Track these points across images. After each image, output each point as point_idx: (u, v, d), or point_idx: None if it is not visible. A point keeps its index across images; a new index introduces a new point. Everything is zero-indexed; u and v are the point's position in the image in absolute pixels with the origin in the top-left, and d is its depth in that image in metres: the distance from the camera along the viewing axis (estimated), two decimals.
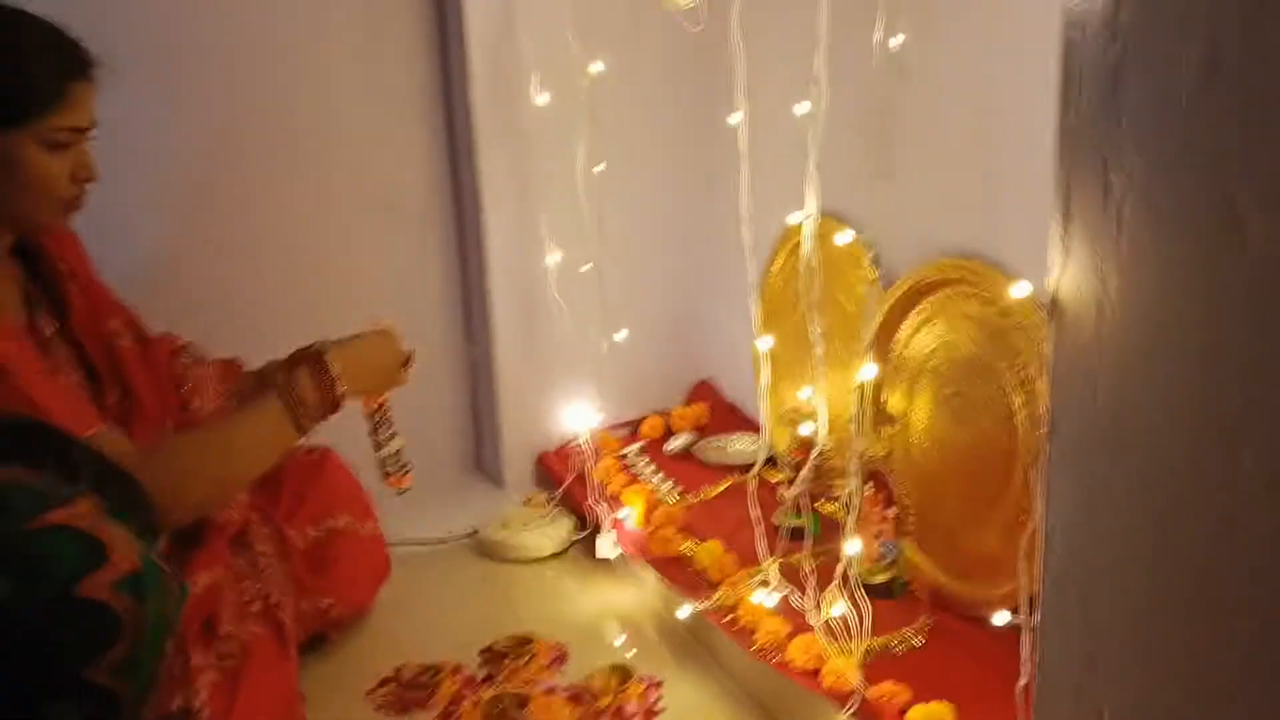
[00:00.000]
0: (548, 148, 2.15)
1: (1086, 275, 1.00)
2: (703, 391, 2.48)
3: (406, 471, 1.78)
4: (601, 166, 1.99)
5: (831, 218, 1.78)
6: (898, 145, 1.73)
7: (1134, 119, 0.92)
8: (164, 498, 1.31)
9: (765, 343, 1.54)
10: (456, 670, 1.80)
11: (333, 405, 1.57)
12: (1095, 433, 1.01)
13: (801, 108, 1.30)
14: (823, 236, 1.88)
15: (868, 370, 1.42)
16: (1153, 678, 1.00)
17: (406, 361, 1.72)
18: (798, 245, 1.67)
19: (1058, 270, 1.02)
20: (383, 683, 1.79)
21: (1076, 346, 1.02)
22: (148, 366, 1.60)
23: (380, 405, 1.72)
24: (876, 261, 1.84)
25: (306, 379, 1.54)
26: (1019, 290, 1.16)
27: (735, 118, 1.42)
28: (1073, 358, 1.03)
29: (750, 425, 2.30)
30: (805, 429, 1.77)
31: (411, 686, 1.76)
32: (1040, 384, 1.08)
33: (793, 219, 1.38)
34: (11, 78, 1.35)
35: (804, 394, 1.58)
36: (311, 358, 1.57)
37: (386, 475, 1.74)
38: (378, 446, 1.74)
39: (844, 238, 1.65)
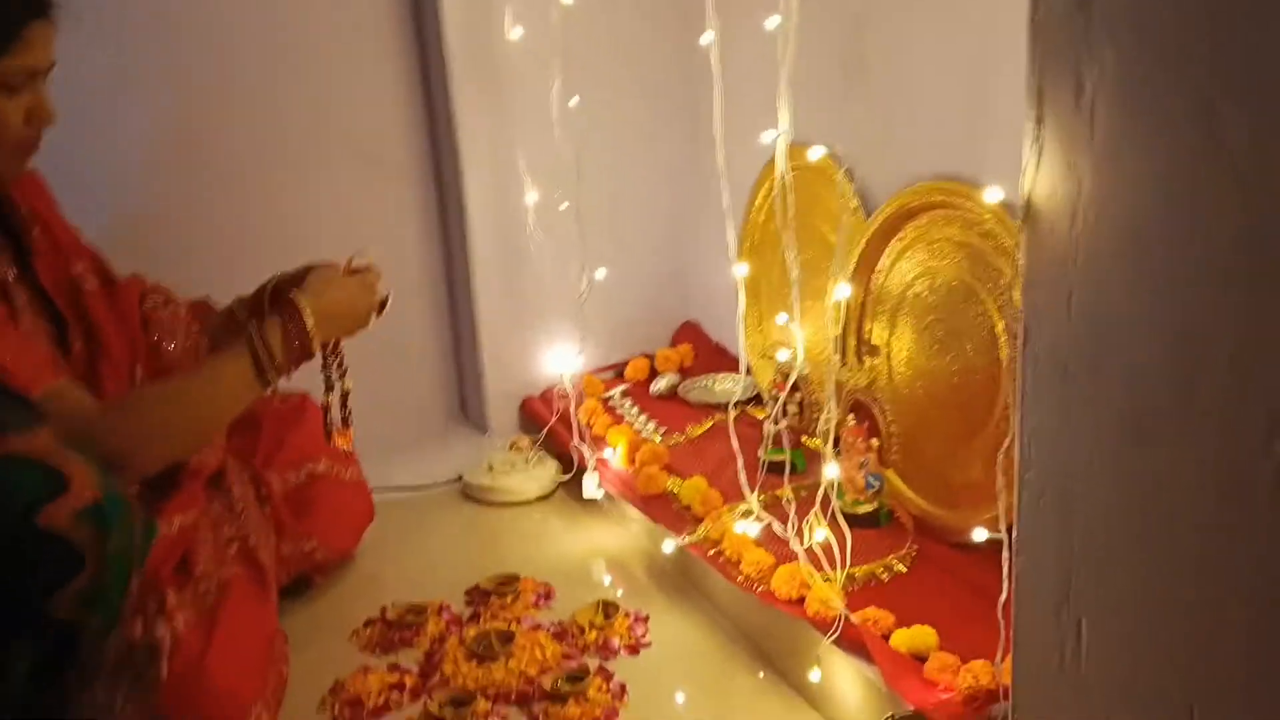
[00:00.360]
0: (523, 83, 2.12)
1: (1060, 178, 0.98)
2: (688, 333, 2.46)
3: (349, 425, 1.67)
4: (576, 100, 1.96)
5: (809, 146, 1.75)
6: (874, 65, 1.70)
7: (1105, 13, 0.90)
8: (126, 452, 1.31)
9: (742, 269, 1.52)
10: (441, 609, 1.80)
11: (304, 357, 1.52)
12: (1070, 341, 1.00)
13: (771, 21, 1.26)
14: (801, 167, 1.87)
15: (842, 290, 1.40)
16: (1130, 586, 0.99)
17: (381, 306, 1.65)
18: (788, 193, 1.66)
19: (1031, 173, 1.00)
20: (367, 623, 1.78)
21: (1051, 252, 1.00)
22: (115, 310, 1.57)
23: (336, 344, 1.62)
24: (857, 188, 1.81)
25: (278, 333, 1.48)
26: (990, 195, 1.13)
27: (707, 37, 1.38)
28: (1047, 264, 1.01)
29: (736, 366, 2.29)
30: (783, 355, 1.75)
31: (396, 626, 1.76)
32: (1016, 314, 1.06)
33: (766, 136, 1.35)
34: None
35: (781, 319, 1.55)
36: (286, 307, 1.51)
37: (328, 431, 1.65)
38: (328, 387, 1.64)
39: (816, 153, 1.59)
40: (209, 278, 1.79)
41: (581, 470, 2.06)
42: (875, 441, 1.69)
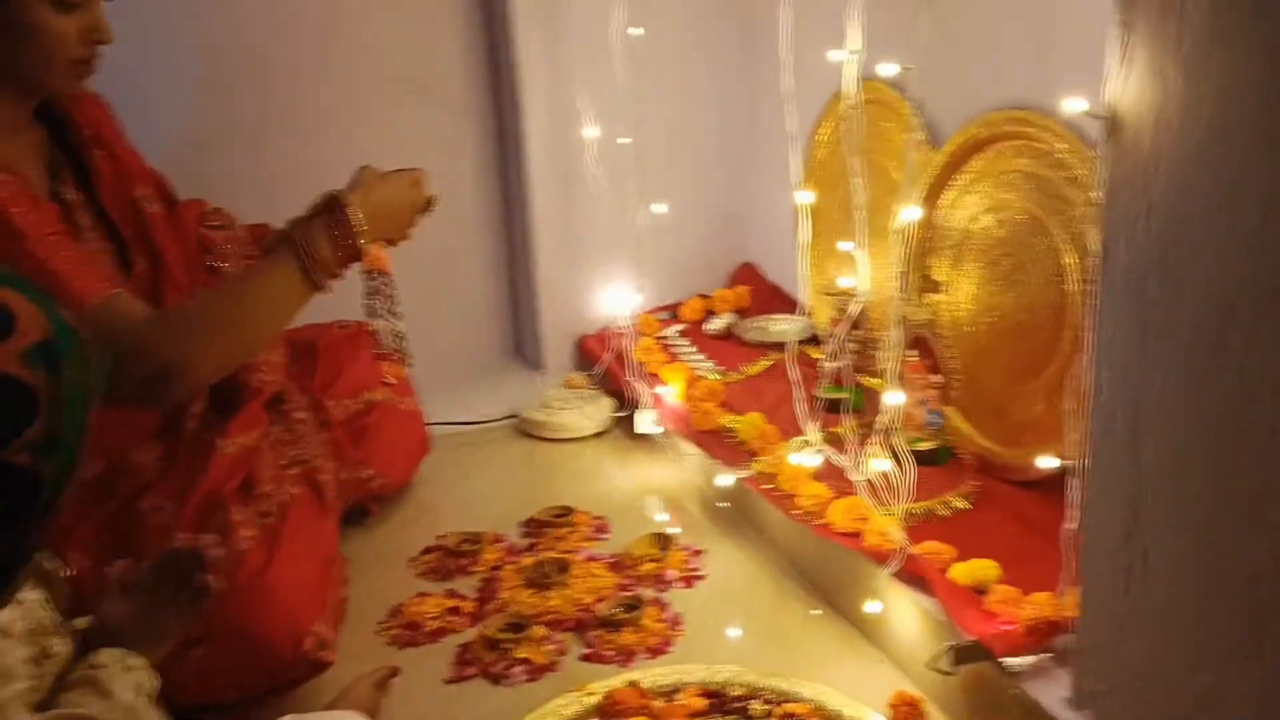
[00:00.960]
0: (583, 15, 2.09)
1: (1147, 86, 0.95)
2: (745, 274, 2.44)
3: (404, 363, 1.64)
4: (637, 31, 1.93)
5: (875, 76, 1.72)
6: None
7: None
8: (179, 358, 1.31)
9: (806, 195, 1.49)
10: (498, 539, 1.81)
11: (351, 256, 1.47)
12: (1149, 255, 0.97)
13: None
14: (866, 100, 1.83)
15: (910, 213, 1.37)
16: (1201, 511, 0.96)
17: (427, 206, 1.57)
18: (846, 107, 1.62)
19: (1119, 80, 0.97)
20: (425, 551, 1.80)
21: (1132, 165, 0.97)
22: (176, 232, 1.58)
23: (382, 268, 1.56)
24: (924, 122, 1.77)
25: (322, 234, 1.43)
26: (1071, 105, 1.10)
27: None
28: (1128, 177, 0.98)
29: (793, 307, 2.27)
30: (846, 282, 1.72)
31: (453, 554, 1.77)
32: (1093, 233, 1.03)
33: (834, 55, 1.31)
34: None
35: (845, 246, 1.52)
36: (331, 205, 1.46)
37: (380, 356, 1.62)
38: (370, 313, 1.59)
39: (888, 70, 1.53)
40: (267, 207, 1.79)
41: (636, 407, 2.06)
42: (936, 378, 1.66)
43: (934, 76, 1.67)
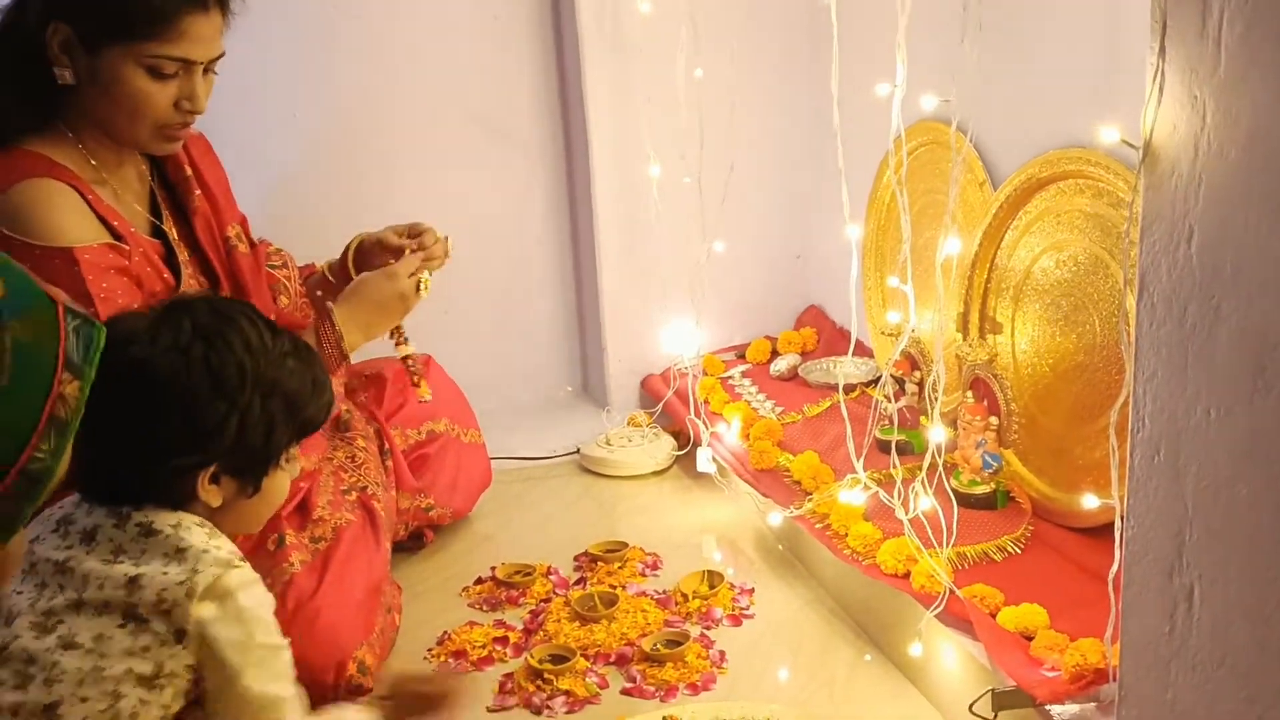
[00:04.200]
0: (650, 57, 2.14)
1: (1182, 112, 0.93)
2: (811, 317, 2.43)
3: (415, 384, 1.77)
4: (699, 73, 1.96)
5: (940, 122, 1.71)
6: (999, 23, 1.64)
7: None
8: None
9: (855, 230, 1.49)
10: (550, 572, 1.82)
11: (342, 358, 1.59)
12: (1190, 283, 0.94)
13: None
14: (931, 142, 1.82)
15: (951, 245, 1.35)
16: (1246, 547, 0.92)
17: (418, 289, 1.67)
18: (909, 151, 1.62)
19: (1151, 109, 0.95)
20: (478, 581, 1.82)
21: (1171, 191, 0.95)
22: (257, 270, 1.66)
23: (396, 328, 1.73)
24: (984, 159, 1.75)
25: (324, 339, 1.57)
26: (1106, 135, 1.08)
27: None
28: (1166, 204, 0.96)
29: (860, 350, 2.24)
30: (894, 317, 1.70)
31: (505, 584, 1.79)
32: (1131, 262, 1.01)
33: (881, 90, 1.32)
34: None
35: (893, 282, 1.51)
36: (324, 312, 1.61)
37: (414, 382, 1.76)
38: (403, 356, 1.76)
39: (942, 110, 1.52)
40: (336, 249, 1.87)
41: (696, 445, 2.05)
42: (994, 420, 1.63)
43: (992, 115, 1.66)
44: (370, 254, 1.76)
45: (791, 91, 2.29)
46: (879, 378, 2.08)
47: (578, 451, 2.24)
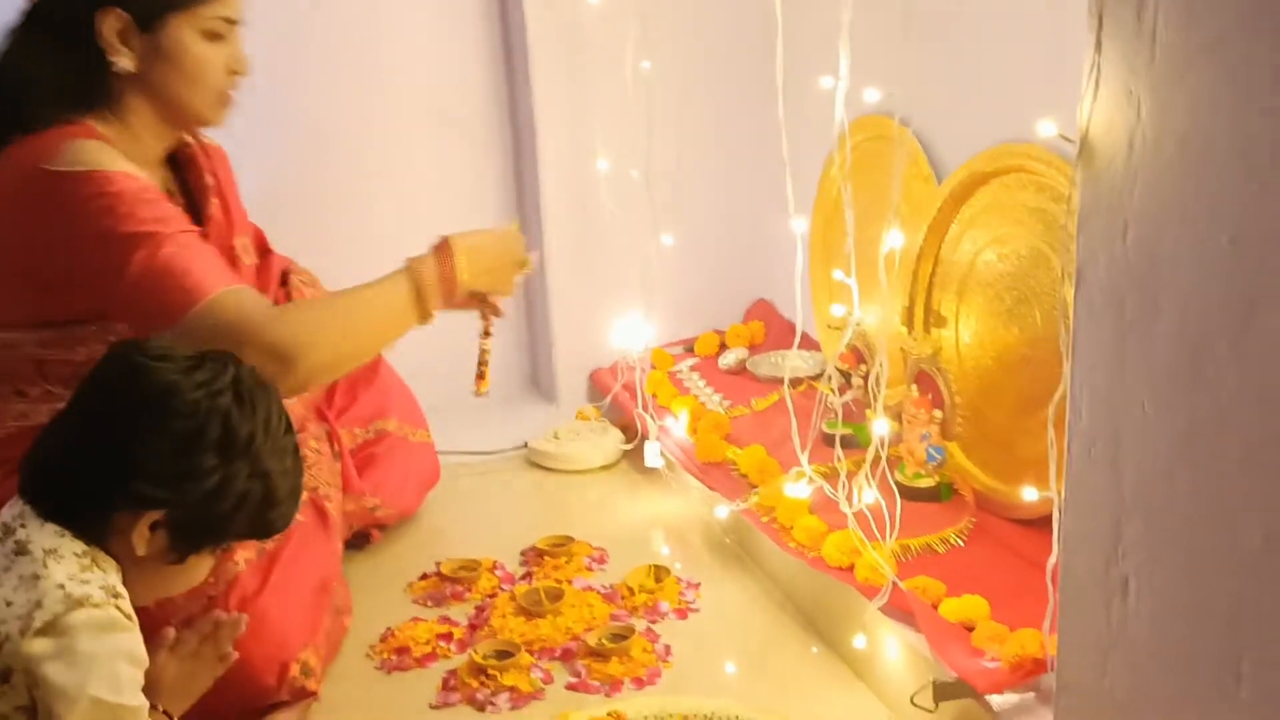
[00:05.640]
0: (599, 49, 2.12)
1: (1118, 106, 0.93)
2: (760, 310, 2.43)
3: (481, 377, 1.80)
4: (647, 64, 1.95)
5: (886, 116, 1.71)
6: (944, 20, 1.65)
7: None
8: (296, 341, 1.38)
9: (801, 224, 1.49)
10: (495, 567, 1.80)
11: (451, 292, 1.56)
12: (1126, 275, 0.95)
13: None
14: (877, 137, 1.83)
15: (894, 238, 1.36)
16: (1183, 539, 0.93)
17: (523, 266, 1.68)
18: (854, 145, 1.62)
19: (1088, 103, 0.96)
20: (423, 576, 1.80)
21: (1107, 185, 0.96)
22: (262, 283, 1.66)
23: (494, 306, 1.71)
24: (928, 152, 1.76)
25: (432, 262, 1.53)
26: (1044, 129, 1.09)
27: None
28: (1103, 198, 0.97)
29: (807, 343, 2.25)
30: (839, 310, 1.71)
31: (450, 580, 1.77)
32: (1069, 255, 1.02)
33: (825, 82, 1.32)
34: None
35: (837, 275, 1.52)
36: (440, 246, 1.57)
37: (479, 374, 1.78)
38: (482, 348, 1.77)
39: (888, 104, 1.55)
40: (286, 241, 1.84)
41: (644, 439, 2.05)
42: (938, 413, 1.64)
43: (936, 110, 1.67)
44: None
45: (739, 84, 2.28)
46: (825, 371, 2.09)
47: (525, 446, 2.22)
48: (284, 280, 1.79)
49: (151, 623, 1.18)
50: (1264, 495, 0.85)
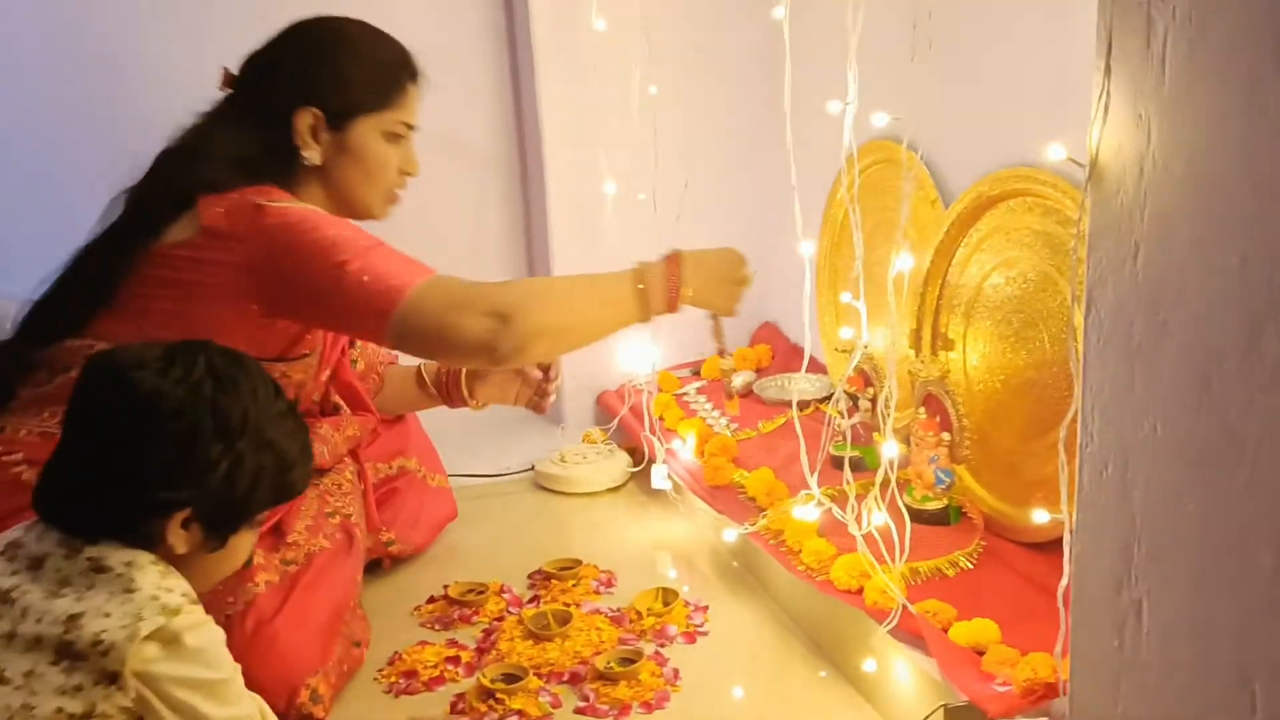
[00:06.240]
0: (605, 74, 2.13)
1: (1128, 130, 0.94)
2: (766, 333, 2.43)
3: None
4: (654, 89, 1.96)
5: (893, 141, 1.72)
6: (951, 43, 1.65)
7: None
8: (512, 308, 1.42)
9: (808, 247, 1.49)
10: (503, 590, 1.80)
11: (674, 297, 1.57)
12: (1136, 298, 0.95)
13: None
14: (884, 160, 1.84)
15: (902, 261, 1.36)
16: (1195, 561, 0.93)
17: (743, 284, 1.68)
18: (861, 169, 1.63)
19: (1097, 127, 0.96)
20: (430, 600, 1.80)
21: (1117, 208, 0.96)
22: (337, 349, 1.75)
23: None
24: (935, 176, 1.77)
25: (660, 267, 1.56)
26: (1053, 153, 1.09)
27: (779, 11, 1.37)
28: (1113, 220, 0.97)
29: (814, 367, 2.25)
30: (847, 333, 1.71)
31: (457, 603, 1.76)
32: (1078, 277, 1.02)
33: (833, 107, 1.32)
34: (373, 72, 1.56)
35: (845, 298, 1.52)
36: (669, 254, 1.59)
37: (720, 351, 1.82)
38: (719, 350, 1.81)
39: (897, 128, 1.57)
40: None
41: (651, 462, 2.05)
42: (946, 436, 1.64)
43: (944, 133, 1.68)
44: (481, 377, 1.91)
45: (745, 108, 2.30)
46: (833, 394, 2.09)
47: (532, 468, 2.22)
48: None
49: None
50: (1274, 516, 0.84)
